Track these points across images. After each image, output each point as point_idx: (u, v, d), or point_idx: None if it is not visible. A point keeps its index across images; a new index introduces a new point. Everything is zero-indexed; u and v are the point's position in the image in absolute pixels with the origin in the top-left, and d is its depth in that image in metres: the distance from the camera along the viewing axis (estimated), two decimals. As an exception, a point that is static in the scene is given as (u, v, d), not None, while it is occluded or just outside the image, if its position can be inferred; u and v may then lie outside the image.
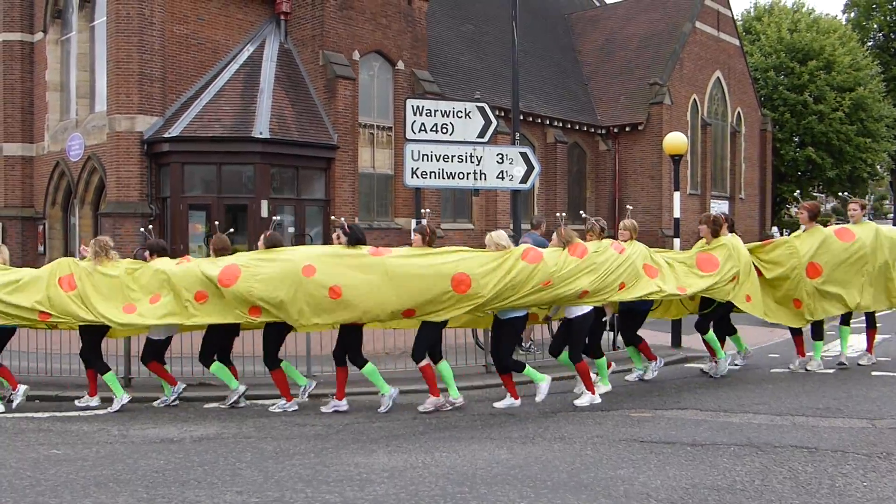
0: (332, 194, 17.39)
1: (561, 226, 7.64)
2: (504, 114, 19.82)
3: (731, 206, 28.84)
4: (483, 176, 10.44)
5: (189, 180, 16.13)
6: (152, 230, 8.41)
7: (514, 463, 5.07)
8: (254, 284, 7.01)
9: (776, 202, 34.30)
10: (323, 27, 17.50)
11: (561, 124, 24.54)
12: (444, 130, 10.30)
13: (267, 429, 6.60)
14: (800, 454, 5.09)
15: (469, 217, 21.57)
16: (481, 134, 10.46)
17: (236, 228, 16.45)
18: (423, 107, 10.30)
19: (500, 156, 10.57)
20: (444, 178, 10.29)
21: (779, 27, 33.65)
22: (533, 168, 10.63)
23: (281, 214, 16.68)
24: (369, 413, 7.21)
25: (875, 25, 40.54)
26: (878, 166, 38.48)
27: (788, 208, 34.88)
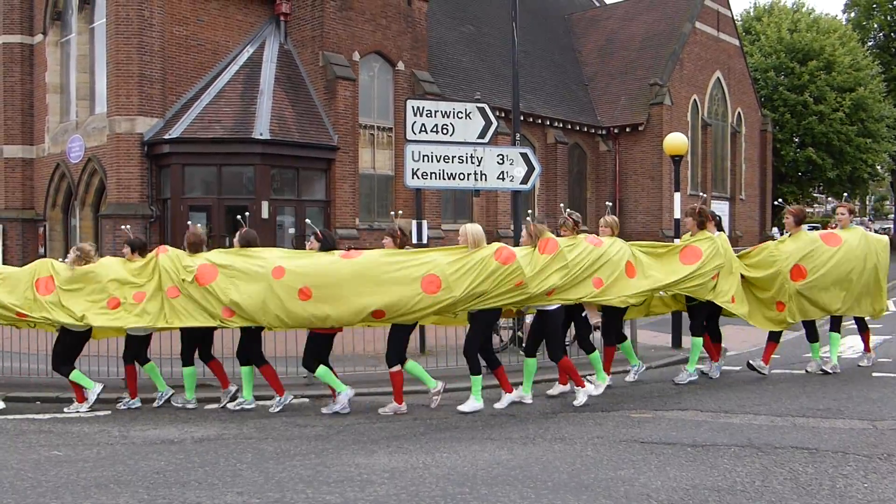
0: (333, 195, 17.39)
1: (531, 221, 7.53)
2: (504, 114, 19.83)
3: (732, 207, 28.84)
4: (483, 177, 10.44)
5: (189, 182, 16.14)
6: (129, 229, 8.49)
7: (515, 464, 5.07)
8: (230, 287, 7.03)
9: (776, 202, 34.27)
10: (323, 28, 17.51)
11: (561, 125, 24.55)
12: (445, 131, 10.30)
13: (268, 430, 6.60)
14: (800, 455, 5.08)
15: (470, 218, 21.56)
16: (482, 135, 10.47)
17: (236, 230, 16.51)
18: (424, 107, 10.31)
19: (501, 156, 10.57)
20: (445, 179, 10.30)
21: (779, 27, 33.66)
22: (533, 169, 10.63)
23: (281, 216, 16.70)
24: (370, 414, 7.21)
25: (875, 25, 40.52)
26: (879, 167, 38.47)
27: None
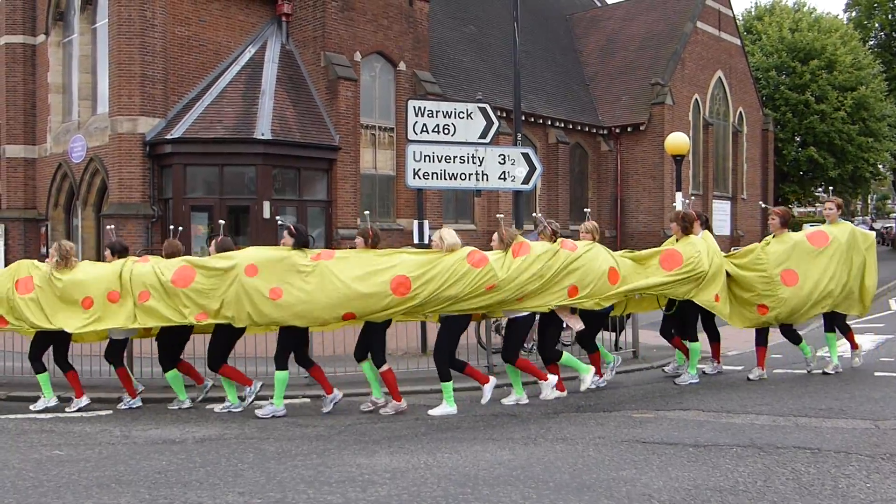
0: (334, 195, 17.40)
1: (501, 226, 7.49)
2: (506, 114, 19.83)
3: (734, 207, 28.83)
4: (485, 177, 10.44)
5: (191, 182, 16.15)
6: (114, 230, 8.55)
7: (517, 464, 5.07)
8: (206, 289, 7.05)
9: (778, 202, 34.24)
10: (324, 28, 17.51)
11: (563, 125, 24.55)
12: (446, 131, 10.30)
13: (269, 430, 6.61)
14: (802, 455, 5.08)
15: (471, 218, 21.58)
16: (483, 135, 10.47)
17: (238, 230, 16.55)
18: (425, 108, 10.31)
19: (502, 156, 10.57)
20: (446, 179, 10.30)
21: (780, 27, 33.65)
22: (535, 169, 10.63)
23: (283, 215, 16.70)
24: (371, 414, 7.21)
25: (876, 24, 40.50)
26: (881, 166, 38.44)
27: (791, 208, 34.76)
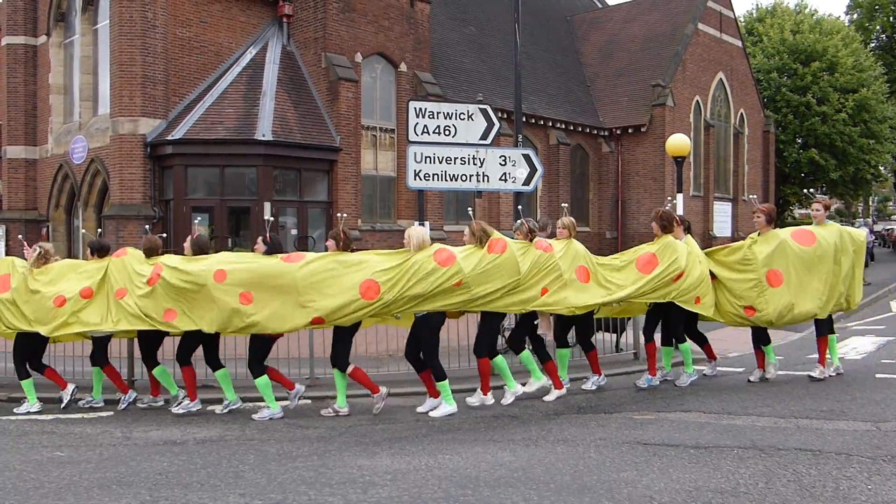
0: (335, 196, 17.39)
1: (473, 221, 7.43)
2: (507, 116, 19.81)
3: (735, 208, 28.82)
4: (486, 178, 10.44)
5: (192, 183, 16.15)
6: (87, 233, 8.65)
7: (518, 465, 5.06)
8: (171, 290, 7.07)
9: (779, 204, 34.25)
10: (325, 29, 17.52)
11: (563, 126, 24.54)
12: (447, 132, 10.30)
13: (270, 431, 6.61)
14: (804, 457, 5.07)
15: (472, 219, 21.56)
16: (484, 136, 10.46)
17: (239, 231, 16.55)
18: (426, 109, 10.30)
19: (503, 158, 10.57)
20: (447, 180, 10.29)
21: (781, 28, 33.63)
22: (536, 170, 10.63)
23: (283, 216, 16.71)
24: (372, 416, 7.20)
25: (878, 27, 40.51)
26: (882, 168, 38.43)
27: (792, 210, 34.83)
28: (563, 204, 9.18)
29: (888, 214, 68.62)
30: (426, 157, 10.13)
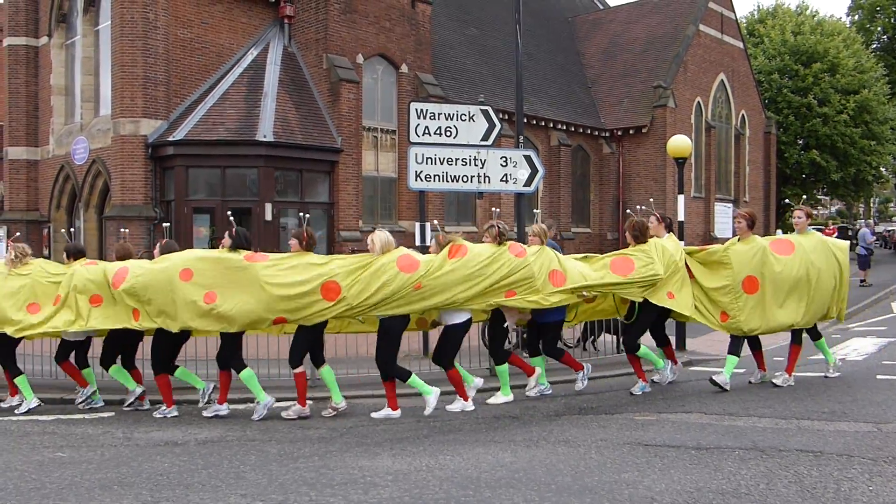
0: (336, 197, 17.41)
1: (439, 232, 7.49)
2: (508, 117, 19.83)
3: (736, 209, 28.80)
4: (487, 179, 10.45)
5: (193, 183, 16.16)
6: (74, 233, 8.74)
7: (519, 466, 5.07)
8: (133, 284, 7.10)
9: (780, 205, 34.25)
10: (327, 31, 17.54)
11: (565, 127, 24.54)
12: (448, 133, 10.31)
13: (271, 432, 6.62)
14: (805, 458, 5.07)
15: (473, 220, 21.57)
16: (485, 137, 10.47)
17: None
18: (427, 110, 10.31)
19: (504, 159, 10.57)
20: (448, 181, 10.30)
21: (782, 30, 33.62)
22: (537, 171, 10.63)
23: (284, 218, 16.72)
24: (372, 417, 7.20)
25: (879, 28, 40.49)
26: (883, 169, 38.41)
27: (793, 211, 34.74)
28: (535, 210, 9.08)
29: (889, 216, 68.63)
30: (427, 158, 10.14)
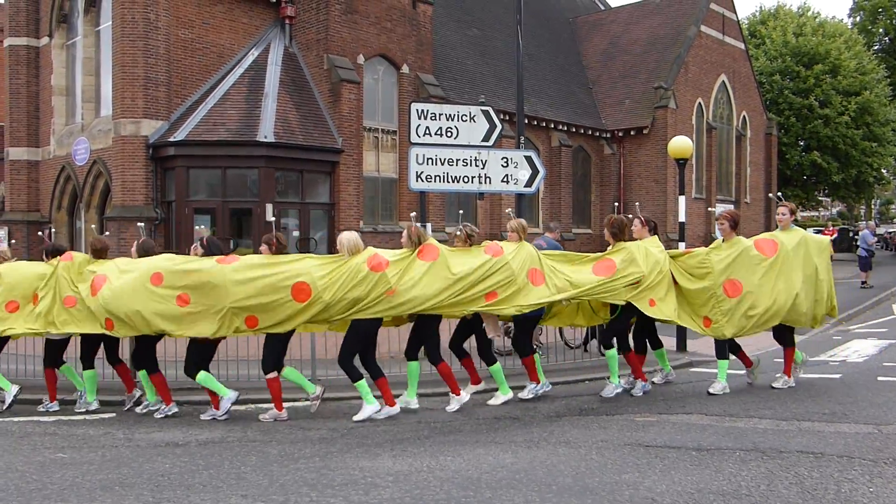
0: (337, 198, 17.41)
1: (412, 224, 7.36)
2: (509, 117, 19.83)
3: (737, 210, 28.76)
4: (488, 179, 10.45)
5: (194, 184, 16.17)
6: (55, 233, 8.80)
7: (519, 467, 5.07)
8: (106, 293, 7.13)
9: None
10: (328, 31, 17.54)
11: (565, 128, 24.54)
12: (449, 134, 10.31)
13: (272, 432, 6.61)
14: (805, 459, 5.07)
15: (474, 221, 21.59)
16: (486, 137, 10.47)
17: (241, 232, 16.57)
18: (428, 110, 10.31)
19: (505, 159, 10.58)
20: (449, 182, 10.30)
21: (784, 31, 33.63)
22: (538, 172, 10.64)
23: (285, 218, 16.72)
24: (373, 417, 7.20)
25: (881, 29, 40.47)
26: (884, 170, 38.40)
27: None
28: (507, 209, 8.93)
29: (890, 217, 68.54)
30: (428, 159, 10.14)
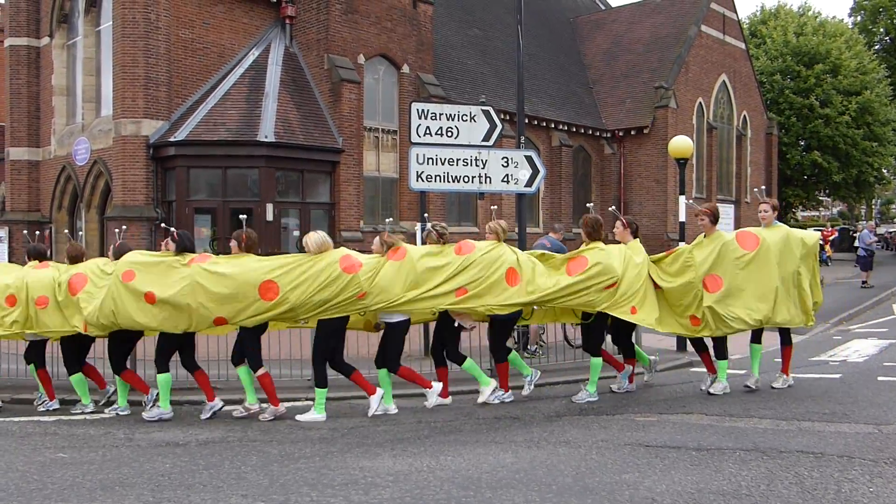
0: (337, 198, 17.42)
1: (385, 231, 7.42)
2: (509, 117, 19.83)
3: (737, 210, 28.79)
4: (488, 179, 10.45)
5: (194, 184, 16.18)
6: (39, 235, 8.92)
7: (519, 467, 5.07)
8: (87, 299, 7.21)
9: (782, 206, 34.22)
10: (328, 31, 17.55)
11: (566, 128, 24.54)
12: (450, 134, 10.31)
13: (272, 432, 6.62)
14: (805, 459, 5.07)
15: (474, 220, 21.58)
16: (486, 137, 10.48)
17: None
18: (428, 110, 10.32)
19: (506, 159, 10.58)
20: (450, 182, 10.30)
21: (785, 31, 33.63)
22: (538, 171, 10.64)
23: (286, 218, 16.73)
24: (373, 417, 7.20)
25: (881, 29, 40.45)
26: (885, 170, 38.39)
27: (795, 212, 34.74)
28: (493, 206, 8.89)
29: (891, 217, 68.47)
30: (428, 159, 10.14)
